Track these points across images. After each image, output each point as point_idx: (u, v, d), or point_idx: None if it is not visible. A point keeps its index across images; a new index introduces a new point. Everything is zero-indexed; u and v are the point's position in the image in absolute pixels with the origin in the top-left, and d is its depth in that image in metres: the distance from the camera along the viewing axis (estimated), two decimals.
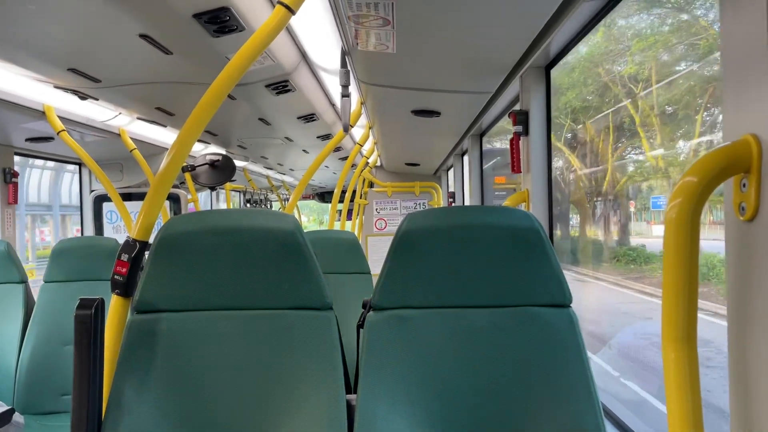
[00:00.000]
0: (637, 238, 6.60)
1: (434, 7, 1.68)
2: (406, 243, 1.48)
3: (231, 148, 5.28)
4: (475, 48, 2.08)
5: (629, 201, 6.60)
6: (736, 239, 0.97)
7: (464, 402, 1.42)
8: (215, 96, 1.57)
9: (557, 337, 1.44)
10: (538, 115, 2.35)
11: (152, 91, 2.87)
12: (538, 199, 2.35)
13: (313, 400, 1.42)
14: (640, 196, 6.49)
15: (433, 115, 3.22)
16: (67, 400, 2.89)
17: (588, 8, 1.74)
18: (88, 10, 1.78)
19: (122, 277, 1.56)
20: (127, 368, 1.42)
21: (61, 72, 2.41)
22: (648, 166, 6.07)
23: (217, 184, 5.17)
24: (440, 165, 6.03)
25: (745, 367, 0.96)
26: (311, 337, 1.47)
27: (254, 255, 1.49)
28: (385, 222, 6.33)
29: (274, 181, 9.12)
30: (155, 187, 1.59)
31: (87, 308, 1.28)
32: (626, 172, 6.69)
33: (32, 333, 2.90)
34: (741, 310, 0.96)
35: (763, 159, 0.89)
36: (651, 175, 6.18)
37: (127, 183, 4.81)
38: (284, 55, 2.52)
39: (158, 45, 2.10)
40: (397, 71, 2.46)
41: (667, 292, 0.92)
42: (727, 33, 0.98)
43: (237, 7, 1.83)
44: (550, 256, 1.47)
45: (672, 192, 0.92)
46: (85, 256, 3.00)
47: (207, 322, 1.48)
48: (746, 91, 0.93)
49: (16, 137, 3.57)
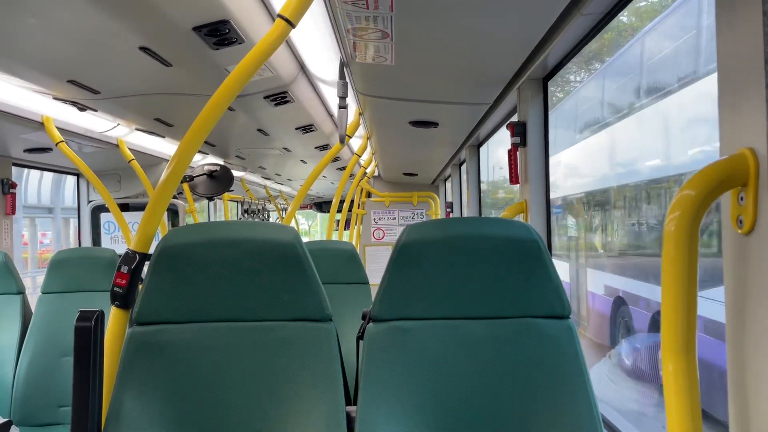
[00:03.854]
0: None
1: (433, 20, 1.70)
2: (406, 254, 1.48)
3: (229, 159, 5.29)
4: (473, 60, 2.10)
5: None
6: (734, 252, 0.98)
7: (464, 413, 1.42)
8: (215, 108, 1.58)
9: (556, 348, 1.45)
10: (535, 126, 2.36)
11: (151, 103, 2.88)
12: (536, 210, 2.35)
13: (313, 411, 1.42)
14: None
15: (431, 126, 3.23)
16: (65, 411, 2.88)
17: (584, 22, 1.76)
18: (89, 23, 1.79)
19: (122, 288, 1.56)
20: (127, 380, 1.42)
21: (60, 84, 2.42)
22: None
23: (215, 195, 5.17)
24: (438, 175, 6.05)
25: (743, 378, 0.96)
26: (311, 348, 1.48)
27: (254, 267, 1.49)
28: (383, 232, 6.33)
29: (271, 191, 9.13)
30: (155, 198, 1.60)
31: (87, 320, 1.28)
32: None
33: (30, 344, 2.89)
34: (739, 321, 0.97)
35: (761, 172, 0.90)
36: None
37: (125, 193, 4.81)
38: (283, 66, 2.53)
39: (158, 57, 2.11)
40: (396, 83, 2.47)
41: (666, 304, 0.92)
42: (723, 47, 0.99)
43: (237, 20, 1.85)
44: (549, 268, 1.48)
45: (670, 205, 0.93)
46: (82, 267, 2.99)
47: (207, 334, 1.48)
48: (742, 105, 0.94)
49: (15, 148, 3.57)
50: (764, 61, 0.88)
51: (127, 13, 1.75)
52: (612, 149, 5.78)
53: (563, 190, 6.62)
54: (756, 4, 0.89)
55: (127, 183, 4.78)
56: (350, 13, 1.64)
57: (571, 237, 6.72)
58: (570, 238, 6.73)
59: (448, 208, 6.17)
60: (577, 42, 1.95)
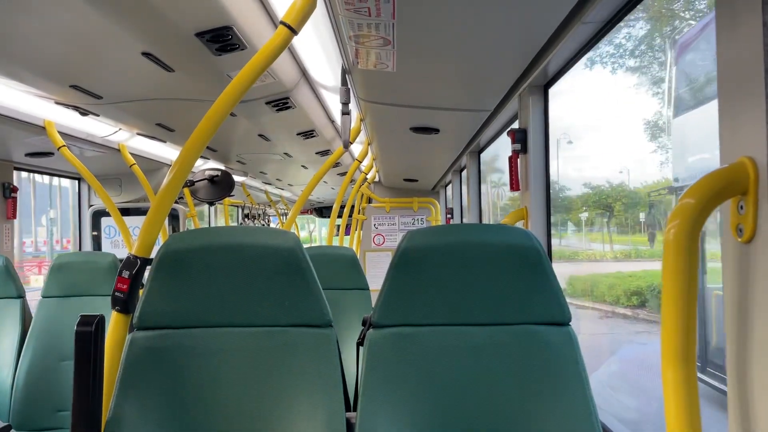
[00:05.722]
0: None
1: (434, 27, 1.71)
2: (406, 260, 1.49)
3: (230, 164, 5.30)
4: (474, 67, 2.11)
5: None
6: (734, 260, 0.98)
7: (464, 420, 1.42)
8: (217, 114, 1.59)
9: (556, 355, 1.45)
10: (536, 133, 2.37)
11: (153, 108, 2.89)
12: (537, 216, 2.36)
13: (313, 417, 1.42)
14: None
15: (432, 132, 3.24)
16: (64, 416, 2.87)
17: (586, 30, 1.77)
18: (92, 28, 1.80)
19: (123, 293, 1.56)
20: (128, 385, 1.42)
21: (62, 89, 2.43)
22: None
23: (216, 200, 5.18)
24: (438, 181, 6.06)
25: (744, 385, 0.96)
26: (311, 354, 1.48)
27: (255, 272, 1.49)
28: (383, 237, 6.34)
29: (272, 196, 9.13)
30: (157, 204, 1.60)
31: (88, 325, 1.29)
32: None
33: (29, 348, 2.89)
34: (740, 329, 0.97)
35: (760, 181, 0.91)
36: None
37: (126, 198, 4.81)
38: (285, 72, 2.54)
39: (160, 63, 2.12)
40: (397, 89, 2.48)
41: (666, 312, 0.93)
42: (723, 56, 1.00)
43: (239, 26, 1.85)
44: (549, 275, 1.48)
45: (670, 214, 0.94)
46: (83, 272, 2.99)
47: (207, 339, 1.48)
48: (742, 114, 0.95)
49: (17, 152, 3.58)
50: (764, 71, 0.89)
51: (130, 19, 1.76)
52: None
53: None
54: (756, 15, 0.90)
55: (128, 187, 4.79)
56: (352, 20, 1.65)
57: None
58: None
59: (448, 214, 6.18)
60: (578, 50, 1.96)
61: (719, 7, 1.00)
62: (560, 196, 12.38)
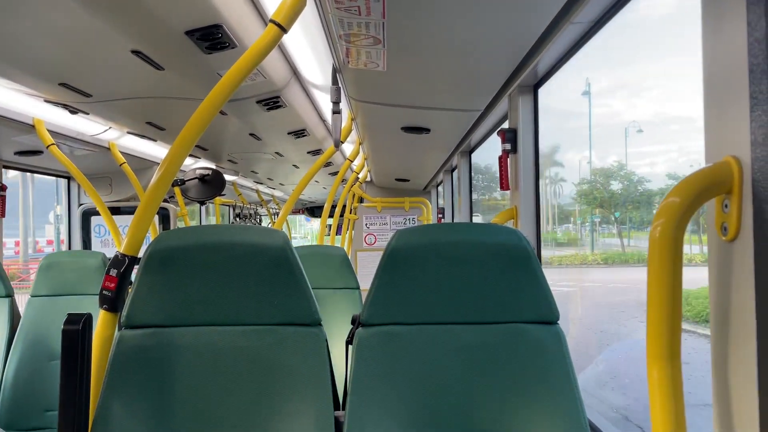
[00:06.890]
0: None
1: (424, 26, 1.71)
2: (396, 259, 1.49)
3: (221, 163, 5.28)
4: (464, 67, 2.11)
5: None
6: (718, 259, 0.99)
7: (453, 418, 1.42)
8: (207, 112, 1.59)
9: (545, 354, 1.46)
10: (526, 133, 2.38)
11: (143, 106, 2.88)
12: (526, 216, 2.37)
13: (302, 416, 1.42)
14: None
15: (423, 132, 3.25)
16: (52, 416, 2.86)
17: (575, 30, 1.78)
18: (81, 26, 1.79)
19: (111, 292, 1.56)
20: (115, 384, 1.42)
21: (52, 87, 2.41)
22: None
23: (207, 199, 5.16)
24: (430, 181, 6.07)
25: (727, 384, 0.97)
26: (300, 352, 1.48)
27: (244, 271, 1.49)
28: (374, 237, 6.34)
29: (263, 195, 9.11)
30: (145, 202, 1.60)
31: (75, 324, 1.28)
32: None
33: (17, 348, 2.87)
34: (723, 327, 0.98)
35: (744, 180, 0.92)
36: None
37: (116, 197, 4.79)
38: (275, 71, 2.54)
39: (150, 61, 2.11)
40: (388, 89, 2.48)
41: (651, 311, 0.93)
42: (708, 56, 1.01)
43: (229, 24, 1.85)
44: (538, 273, 1.49)
45: (656, 212, 0.94)
46: (72, 271, 2.97)
47: (196, 338, 1.48)
48: (727, 114, 0.96)
49: (5, 151, 3.55)
50: (749, 71, 0.90)
51: (120, 17, 1.75)
52: None
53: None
54: (741, 15, 0.91)
55: (119, 186, 4.76)
56: (342, 19, 1.65)
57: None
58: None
59: (439, 214, 6.19)
60: (567, 50, 1.97)
61: (705, 6, 1.00)
62: (638, 189, 11.09)
